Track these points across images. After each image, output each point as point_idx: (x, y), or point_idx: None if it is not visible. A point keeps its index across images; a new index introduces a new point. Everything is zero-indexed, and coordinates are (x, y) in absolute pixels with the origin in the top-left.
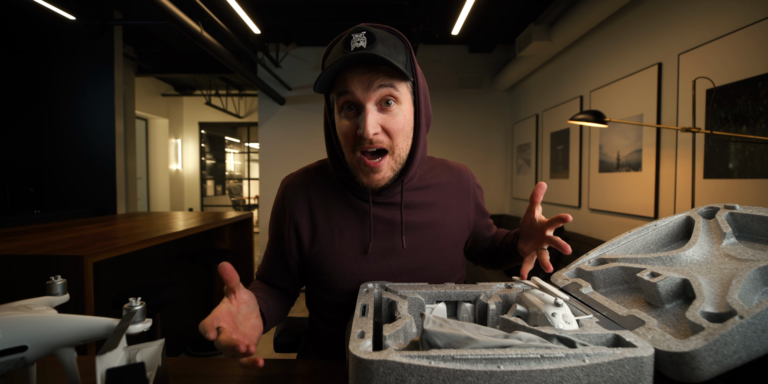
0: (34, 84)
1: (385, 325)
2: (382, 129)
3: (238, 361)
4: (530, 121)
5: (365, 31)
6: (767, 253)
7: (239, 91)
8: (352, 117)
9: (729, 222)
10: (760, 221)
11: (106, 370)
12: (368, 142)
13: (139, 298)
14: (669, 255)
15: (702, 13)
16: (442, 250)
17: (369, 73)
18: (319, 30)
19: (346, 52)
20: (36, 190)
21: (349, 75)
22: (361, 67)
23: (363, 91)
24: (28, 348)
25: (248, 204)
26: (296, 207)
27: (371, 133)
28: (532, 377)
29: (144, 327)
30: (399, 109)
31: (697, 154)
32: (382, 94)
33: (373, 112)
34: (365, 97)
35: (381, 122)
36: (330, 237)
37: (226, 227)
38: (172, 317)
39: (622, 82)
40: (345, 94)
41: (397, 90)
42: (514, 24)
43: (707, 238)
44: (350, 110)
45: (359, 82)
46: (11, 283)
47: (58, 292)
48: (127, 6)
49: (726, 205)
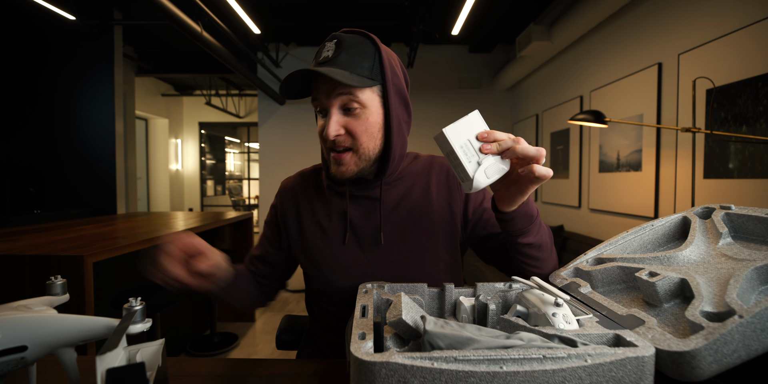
0: (34, 84)
1: (385, 326)
2: (345, 130)
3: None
4: (530, 121)
5: (336, 39)
6: (763, 253)
7: (239, 91)
8: (321, 119)
9: (725, 222)
10: (755, 221)
11: (106, 370)
12: (331, 142)
13: (139, 298)
14: (666, 255)
15: (702, 13)
16: (423, 245)
17: (330, 82)
18: (319, 30)
19: (316, 61)
20: (36, 190)
21: (315, 83)
22: (322, 76)
23: (326, 98)
24: (28, 348)
25: (248, 204)
26: (286, 207)
27: (332, 135)
28: (534, 377)
29: (144, 327)
30: (363, 112)
31: (697, 154)
32: (343, 101)
33: (336, 115)
34: (329, 103)
35: (344, 124)
36: (314, 231)
37: (226, 227)
38: (172, 317)
39: (622, 82)
40: (315, 100)
41: (357, 96)
42: (514, 24)
43: (704, 238)
44: (323, 114)
45: (323, 90)
46: (11, 283)
47: (58, 292)
48: (127, 6)
49: (722, 205)
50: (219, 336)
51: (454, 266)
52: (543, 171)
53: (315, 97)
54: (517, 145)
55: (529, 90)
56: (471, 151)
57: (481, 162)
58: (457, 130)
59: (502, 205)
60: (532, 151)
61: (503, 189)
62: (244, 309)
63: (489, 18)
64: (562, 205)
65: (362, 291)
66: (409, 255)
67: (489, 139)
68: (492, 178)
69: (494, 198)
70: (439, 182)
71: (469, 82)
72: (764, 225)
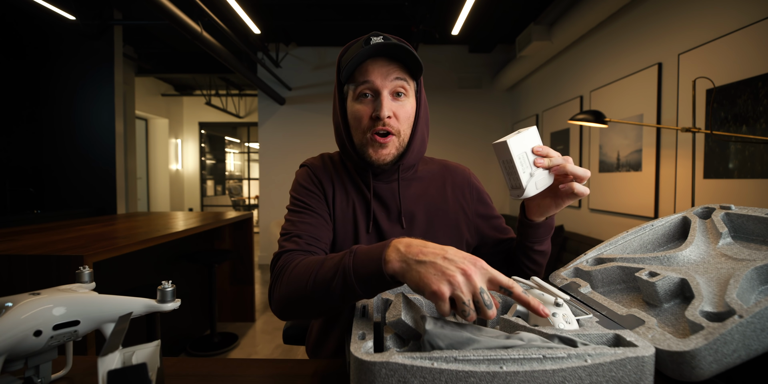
0: (34, 84)
1: (385, 326)
2: (393, 114)
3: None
4: (530, 121)
5: (382, 35)
6: (763, 253)
7: (239, 91)
8: (369, 103)
9: (725, 222)
10: (755, 221)
11: (107, 371)
12: (382, 124)
13: (170, 281)
14: (666, 255)
15: (702, 13)
16: (440, 240)
17: (388, 66)
18: (319, 30)
19: (371, 45)
20: (36, 190)
21: (371, 66)
22: (381, 59)
23: (381, 80)
24: (80, 322)
25: (248, 204)
26: (325, 184)
27: (386, 114)
28: (534, 377)
29: (174, 305)
30: (407, 100)
31: (697, 154)
32: (396, 86)
33: (388, 98)
34: (383, 85)
35: (393, 109)
36: (342, 216)
37: (226, 227)
38: (172, 317)
39: (622, 82)
40: (365, 83)
41: (407, 84)
42: (514, 24)
43: (703, 238)
44: (366, 97)
45: (379, 73)
46: (11, 283)
47: (86, 280)
48: (127, 6)
49: (722, 205)
50: (219, 336)
51: None
52: (582, 189)
53: (366, 79)
54: (568, 164)
55: (529, 90)
56: (526, 162)
57: (533, 173)
58: (517, 142)
59: (533, 215)
60: (580, 171)
61: (539, 200)
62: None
63: (489, 18)
64: None
65: None
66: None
67: (543, 154)
68: (540, 189)
69: (526, 206)
70: (455, 185)
71: (469, 82)
72: (764, 225)
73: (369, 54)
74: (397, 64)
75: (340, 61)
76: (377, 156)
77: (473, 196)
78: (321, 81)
